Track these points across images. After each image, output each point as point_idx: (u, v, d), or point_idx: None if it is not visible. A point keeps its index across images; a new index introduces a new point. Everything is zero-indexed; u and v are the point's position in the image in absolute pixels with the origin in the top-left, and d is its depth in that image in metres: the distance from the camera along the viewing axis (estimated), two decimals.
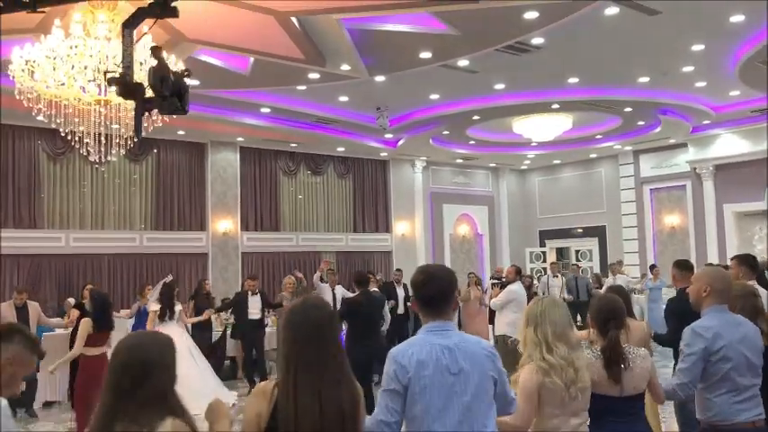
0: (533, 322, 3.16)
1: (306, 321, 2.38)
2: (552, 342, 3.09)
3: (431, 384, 2.57)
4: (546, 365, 3.04)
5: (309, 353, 2.32)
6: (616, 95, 12.61)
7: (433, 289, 2.74)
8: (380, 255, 17.76)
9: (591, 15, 8.56)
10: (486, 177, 20.49)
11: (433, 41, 9.38)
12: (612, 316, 3.34)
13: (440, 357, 2.60)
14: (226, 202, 15.25)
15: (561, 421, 3.05)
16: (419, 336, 2.73)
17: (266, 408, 2.29)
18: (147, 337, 2.37)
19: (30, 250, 12.76)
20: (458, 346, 2.64)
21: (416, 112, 13.73)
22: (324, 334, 2.38)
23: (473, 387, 2.61)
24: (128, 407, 2.10)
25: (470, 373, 2.62)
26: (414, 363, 2.58)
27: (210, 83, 10.85)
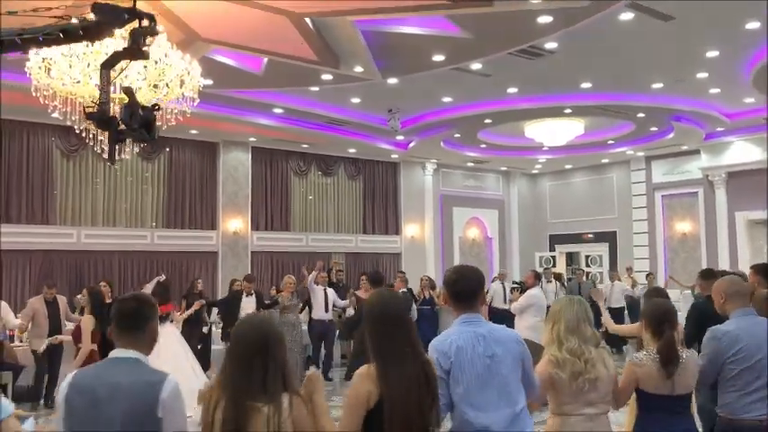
0: (551, 320, 3.47)
1: (386, 313, 2.73)
2: (564, 337, 3.38)
3: (470, 368, 2.89)
4: (554, 360, 3.34)
5: (393, 341, 2.66)
6: (629, 101, 12.56)
7: (464, 286, 3.10)
8: (390, 257, 17.77)
9: (605, 20, 8.54)
10: (497, 181, 20.45)
11: (446, 44, 9.38)
12: (667, 318, 3.55)
13: (475, 344, 2.93)
14: (237, 201, 15.31)
15: (572, 408, 3.34)
16: (455, 327, 3.04)
17: (375, 389, 2.58)
18: (264, 319, 2.68)
19: (42, 246, 12.85)
20: (490, 334, 2.99)
21: (428, 115, 13.73)
22: (402, 322, 2.74)
23: (505, 369, 2.94)
24: (253, 384, 2.36)
25: (502, 356, 2.95)
26: (454, 349, 2.91)
27: (224, 82, 10.90)
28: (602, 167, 19.14)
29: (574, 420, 3.32)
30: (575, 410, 3.33)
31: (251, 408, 2.34)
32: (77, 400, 2.41)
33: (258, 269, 15.50)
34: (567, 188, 20.25)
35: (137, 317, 2.58)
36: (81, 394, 2.41)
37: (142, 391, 2.40)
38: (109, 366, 2.51)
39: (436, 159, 18.12)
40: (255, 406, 2.34)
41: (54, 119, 10.39)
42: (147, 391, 2.39)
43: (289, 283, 10.67)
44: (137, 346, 2.54)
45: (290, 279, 10.87)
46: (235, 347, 2.47)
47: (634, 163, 18.28)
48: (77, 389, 2.44)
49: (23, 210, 12.81)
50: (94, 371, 2.53)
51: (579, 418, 3.32)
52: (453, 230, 19.21)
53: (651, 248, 17.94)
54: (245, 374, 2.39)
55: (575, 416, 3.32)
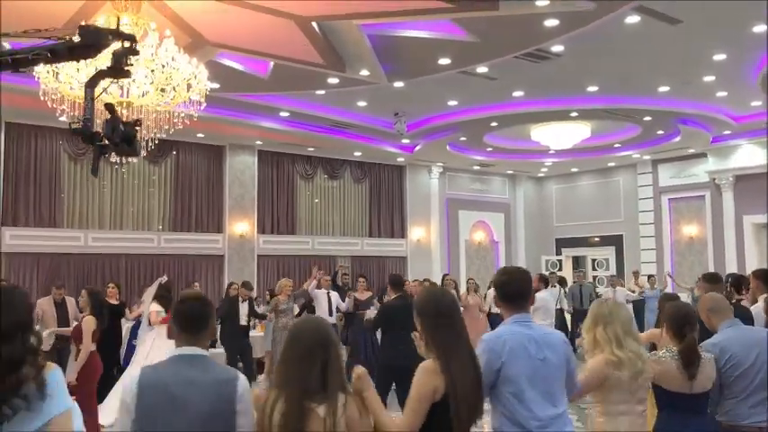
0: (602, 321, 3.44)
1: (441, 308, 2.86)
2: (623, 337, 3.38)
3: (521, 369, 2.92)
4: (616, 359, 3.32)
5: (451, 335, 2.79)
6: (636, 104, 12.54)
7: (515, 287, 3.16)
8: (396, 260, 17.76)
9: (612, 23, 8.54)
10: (503, 184, 20.44)
11: (452, 48, 9.39)
12: (688, 321, 3.64)
13: (527, 346, 2.97)
14: (243, 204, 15.35)
15: (629, 408, 3.36)
16: (508, 326, 3.08)
17: (441, 383, 2.68)
18: (322, 321, 2.74)
19: (49, 249, 12.91)
20: (541, 338, 3.04)
21: (434, 118, 13.74)
22: (456, 316, 2.87)
23: (553, 371, 3.00)
24: (312, 384, 2.43)
25: (551, 360, 3.00)
26: (506, 350, 2.94)
27: (230, 86, 10.95)
28: (609, 171, 19.10)
29: (630, 419, 3.36)
30: (631, 410, 3.37)
31: (309, 408, 2.41)
32: (152, 399, 2.42)
33: (264, 272, 15.53)
34: (574, 191, 20.21)
35: (203, 316, 2.64)
36: (156, 392, 2.43)
37: (221, 388, 2.46)
38: (180, 364, 2.52)
39: (442, 163, 18.12)
40: (312, 406, 2.42)
41: (62, 123, 10.43)
42: (225, 388, 2.47)
43: (286, 287, 10.54)
44: (200, 343, 2.59)
45: (287, 282, 10.78)
46: (295, 349, 2.53)
47: (641, 166, 18.24)
48: (151, 387, 2.44)
49: (31, 213, 12.88)
50: (166, 369, 2.53)
51: (633, 417, 3.37)
52: (459, 234, 19.19)
53: (658, 252, 17.89)
54: (306, 375, 2.45)
55: (631, 415, 3.36)
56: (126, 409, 2.45)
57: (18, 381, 2.14)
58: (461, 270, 18.71)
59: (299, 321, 2.72)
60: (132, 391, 2.45)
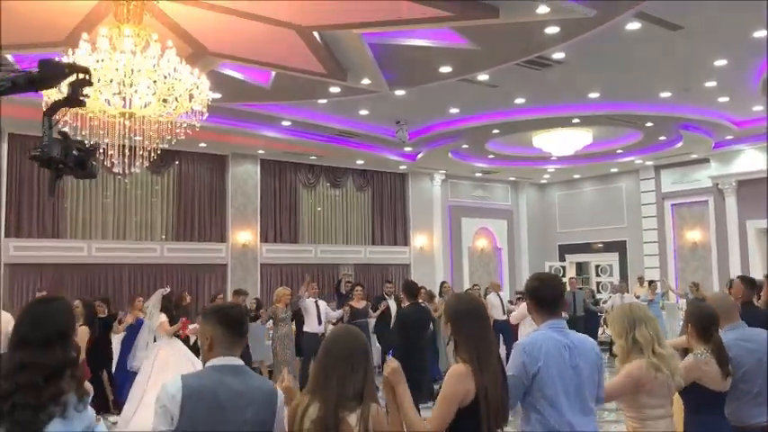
0: (642, 322, 3.39)
1: (470, 313, 2.89)
2: (660, 336, 3.40)
3: (556, 375, 2.93)
4: (657, 361, 3.29)
5: (484, 339, 2.82)
6: (637, 110, 12.54)
7: (547, 293, 3.17)
8: (399, 267, 17.75)
9: (613, 30, 8.54)
10: (506, 191, 20.43)
11: (453, 56, 9.41)
12: (713, 321, 3.69)
13: (562, 353, 2.98)
14: (246, 213, 15.36)
15: (666, 411, 3.37)
16: (543, 331, 3.08)
17: (473, 386, 2.70)
18: (357, 330, 2.77)
19: (52, 259, 12.94)
20: (576, 346, 3.04)
21: (436, 126, 13.75)
22: (485, 320, 2.91)
23: (585, 379, 3.00)
24: (347, 392, 2.48)
25: (584, 368, 3.00)
26: (542, 355, 2.95)
27: (232, 96, 10.97)
28: (611, 177, 19.09)
29: (666, 422, 3.35)
30: (667, 413, 3.36)
31: (342, 416, 2.46)
32: (198, 405, 2.42)
33: (267, 281, 15.52)
34: (576, 198, 20.20)
35: (242, 325, 2.68)
36: (202, 399, 2.43)
37: (265, 399, 2.53)
38: (222, 373, 2.53)
39: (444, 170, 18.13)
40: (345, 414, 2.46)
41: None
42: (268, 399, 2.54)
43: (284, 296, 10.46)
44: (236, 352, 2.62)
45: (284, 291, 10.73)
46: (331, 357, 2.57)
47: (643, 172, 18.22)
48: (196, 394, 2.44)
49: (34, 223, 12.91)
50: (210, 376, 2.53)
51: (669, 420, 3.36)
52: (462, 241, 19.18)
53: (661, 257, 17.85)
54: (345, 383, 2.50)
55: (667, 417, 3.35)
56: (164, 411, 2.43)
57: (58, 391, 2.24)
58: (464, 277, 18.70)
59: (337, 329, 2.79)
60: (173, 396, 2.43)
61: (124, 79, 7.09)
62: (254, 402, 2.48)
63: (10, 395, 2.23)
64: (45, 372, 2.26)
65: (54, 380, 2.26)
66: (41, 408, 2.22)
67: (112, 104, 7.30)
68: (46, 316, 2.40)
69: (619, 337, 3.45)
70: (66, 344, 2.38)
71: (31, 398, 2.22)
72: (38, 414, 2.22)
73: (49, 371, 2.27)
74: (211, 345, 2.57)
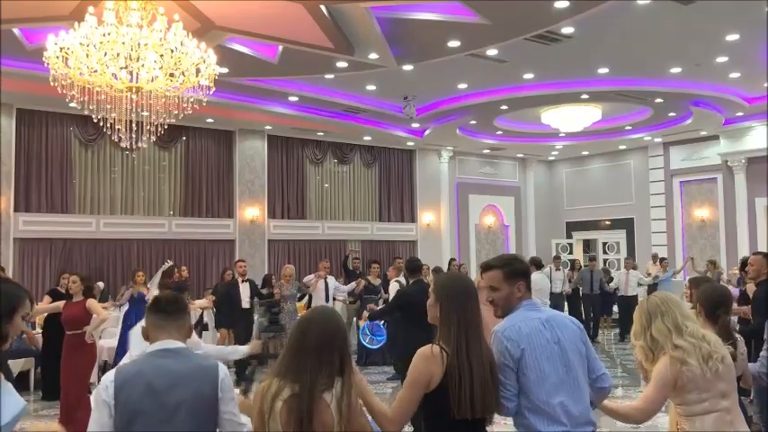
0: (657, 314, 3.18)
1: (464, 293, 2.81)
2: (682, 323, 3.12)
3: (541, 354, 2.79)
4: (678, 353, 3.05)
5: (469, 318, 2.74)
6: (647, 86, 12.43)
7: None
8: (405, 244, 17.79)
9: (623, 4, 8.45)
10: (514, 168, 20.37)
11: (461, 30, 9.32)
12: (722, 302, 3.58)
13: (541, 330, 2.85)
14: (253, 189, 15.38)
15: (711, 405, 3.06)
16: (519, 312, 2.93)
17: (440, 369, 2.61)
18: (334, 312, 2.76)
19: (61, 234, 13.02)
20: (552, 319, 2.92)
21: (444, 102, 13.68)
22: (474, 301, 2.81)
23: (571, 354, 2.85)
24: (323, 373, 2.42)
25: (567, 341, 2.86)
26: (524, 336, 2.81)
27: (239, 71, 10.93)
28: (620, 154, 18.99)
29: (715, 417, 3.05)
30: (714, 406, 3.06)
31: (320, 397, 2.40)
32: (132, 391, 2.46)
33: (275, 257, 15.59)
34: (584, 175, 20.12)
35: (168, 308, 2.70)
36: (135, 385, 2.47)
37: (204, 375, 2.54)
38: (158, 356, 2.57)
39: (452, 147, 18.07)
40: (323, 395, 2.41)
41: (72, 108, 10.54)
42: (208, 375, 2.54)
43: (287, 274, 10.47)
44: (174, 335, 2.64)
45: (289, 269, 10.73)
46: (306, 339, 2.49)
47: (652, 149, 18.11)
48: (130, 380, 2.49)
49: (43, 199, 12.97)
50: (145, 361, 2.58)
51: (719, 414, 3.05)
52: (469, 218, 19.17)
53: (669, 235, 17.80)
54: (317, 365, 2.43)
55: (715, 412, 3.05)
56: (102, 407, 2.45)
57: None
58: (471, 254, 18.73)
59: (308, 312, 2.71)
60: (108, 390, 2.45)
61: (131, 53, 7.08)
62: (191, 379, 2.49)
63: None
64: None
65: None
66: None
67: (119, 78, 7.29)
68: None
69: (638, 340, 3.24)
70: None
71: None
72: None
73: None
74: (148, 334, 2.61)
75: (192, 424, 2.46)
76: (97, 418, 2.43)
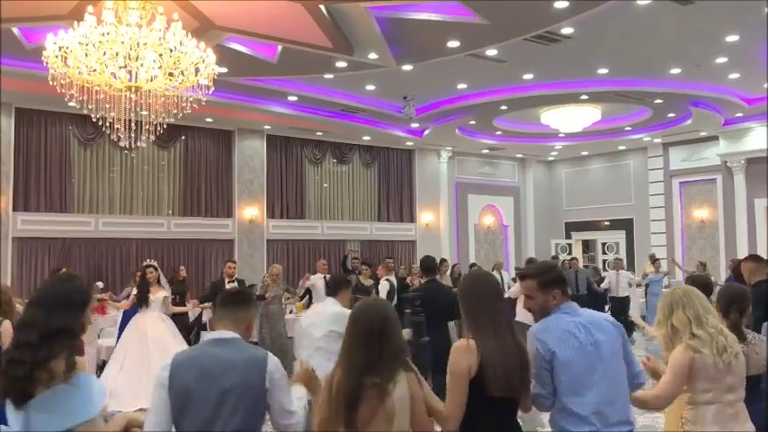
0: (679, 305, 3.29)
1: (487, 289, 2.99)
2: (702, 315, 3.24)
3: (572, 356, 2.90)
4: (694, 342, 3.17)
5: (482, 314, 2.89)
6: (647, 87, 12.42)
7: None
8: (405, 244, 17.79)
9: (623, 5, 8.44)
10: (513, 168, 20.37)
11: (461, 30, 9.31)
12: (735, 300, 3.67)
13: (575, 332, 2.94)
14: (252, 189, 15.37)
15: (715, 396, 3.18)
16: (554, 315, 3.04)
17: (476, 360, 2.78)
18: (383, 303, 2.92)
19: (60, 234, 13.01)
20: (589, 322, 3.00)
21: (443, 102, 13.67)
22: (490, 297, 2.96)
23: (608, 355, 2.94)
24: (371, 361, 2.61)
25: (604, 342, 2.95)
26: (554, 338, 2.93)
27: (238, 70, 10.92)
28: (619, 154, 18.99)
29: (717, 409, 3.17)
30: (718, 398, 3.17)
31: (368, 383, 2.57)
32: (186, 374, 2.62)
33: (274, 257, 15.56)
34: (584, 175, 20.12)
35: (228, 300, 2.88)
36: (189, 368, 2.64)
37: (253, 363, 2.68)
38: (211, 345, 2.74)
39: (451, 147, 18.06)
40: (373, 381, 2.57)
41: (71, 108, 10.53)
42: (257, 363, 2.69)
43: (274, 273, 10.22)
44: (230, 327, 2.79)
45: (276, 268, 10.55)
46: (355, 328, 2.71)
47: (651, 149, 18.11)
48: (184, 364, 2.67)
49: (42, 198, 12.95)
50: (199, 349, 2.78)
51: (722, 406, 3.17)
52: (468, 218, 19.17)
53: (668, 236, 17.80)
54: (364, 353, 2.63)
55: (718, 404, 3.17)
56: (160, 388, 2.62)
57: (49, 353, 2.34)
58: (470, 254, 18.72)
59: (360, 304, 2.86)
60: (164, 373, 2.63)
61: (130, 52, 7.07)
62: (240, 367, 2.63)
63: (10, 352, 2.39)
64: (41, 331, 2.37)
65: (47, 341, 2.36)
66: (34, 366, 2.31)
67: (118, 78, 7.28)
68: (57, 284, 2.59)
69: (659, 327, 3.37)
70: (70, 314, 2.47)
71: (26, 355, 2.33)
72: (31, 373, 2.30)
73: (45, 331, 2.37)
74: (214, 323, 2.80)
75: (239, 409, 2.60)
76: (155, 399, 2.61)
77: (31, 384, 2.31)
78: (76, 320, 2.49)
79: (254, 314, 2.92)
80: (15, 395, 2.31)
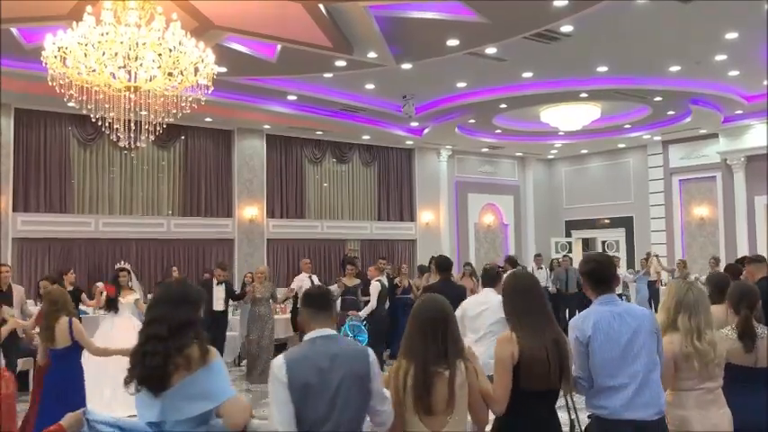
0: (687, 310, 3.55)
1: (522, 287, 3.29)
2: (704, 330, 3.52)
3: (607, 342, 3.20)
4: (691, 351, 3.47)
5: (533, 307, 3.19)
6: (646, 85, 12.41)
7: (603, 273, 3.44)
8: (405, 243, 17.78)
9: (622, 3, 8.43)
10: (513, 167, 20.36)
11: (460, 29, 9.31)
12: (744, 296, 3.90)
13: (612, 321, 3.25)
14: (252, 189, 15.36)
15: (695, 383, 3.53)
16: (593, 307, 3.37)
17: (517, 349, 3.07)
18: (442, 298, 3.14)
19: (60, 234, 13.01)
20: (626, 312, 3.31)
21: (443, 101, 13.66)
22: (540, 294, 3.30)
23: (642, 343, 3.23)
24: (437, 352, 2.91)
25: (639, 332, 3.24)
26: (591, 325, 3.24)
27: (238, 70, 10.91)
28: (619, 152, 18.97)
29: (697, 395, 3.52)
30: (696, 385, 3.53)
31: (435, 372, 2.88)
32: (301, 372, 2.79)
33: (274, 256, 15.58)
34: (583, 173, 20.11)
35: (319, 300, 3.07)
36: (303, 367, 2.81)
37: (358, 356, 2.90)
38: (316, 342, 2.90)
39: (451, 145, 18.05)
40: (438, 371, 2.89)
41: (70, 108, 10.51)
42: (361, 356, 2.91)
43: (261, 273, 10.19)
44: (326, 324, 2.98)
45: (262, 268, 10.44)
46: (421, 321, 3.00)
47: (651, 147, 18.10)
48: (298, 363, 2.83)
49: (42, 198, 12.95)
50: (307, 347, 2.92)
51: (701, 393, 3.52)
52: (468, 217, 19.16)
53: (668, 233, 17.79)
54: (431, 344, 2.92)
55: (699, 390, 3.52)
56: (280, 388, 2.78)
57: (181, 344, 2.67)
58: (471, 253, 18.71)
59: (422, 298, 3.17)
60: (281, 372, 2.78)
61: (129, 52, 7.06)
62: (348, 359, 2.85)
63: (140, 345, 2.72)
64: (170, 325, 2.69)
65: (177, 334, 2.68)
66: (168, 356, 2.63)
67: (118, 78, 7.27)
68: (176, 285, 2.98)
69: (664, 311, 3.64)
70: (192, 308, 2.82)
71: (159, 346, 2.65)
72: (166, 361, 2.63)
73: (174, 324, 2.70)
74: (307, 322, 2.97)
75: (352, 398, 2.83)
76: (278, 395, 2.78)
77: (168, 372, 2.62)
78: (197, 315, 2.84)
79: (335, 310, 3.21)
80: (154, 383, 2.63)
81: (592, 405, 3.28)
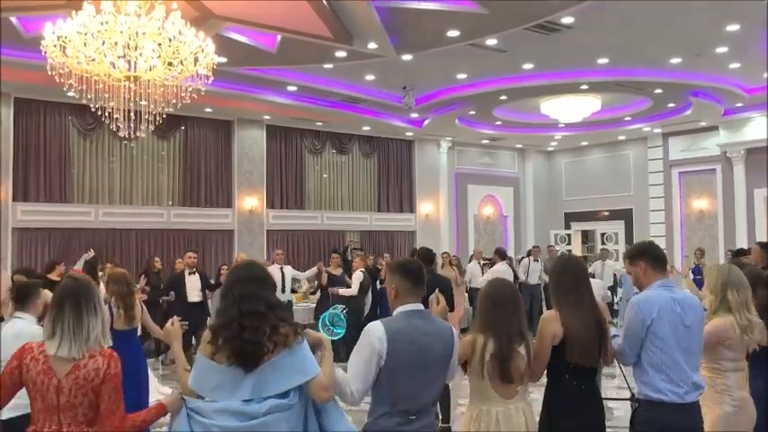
0: (734, 286, 3.75)
1: (569, 270, 3.52)
2: (750, 302, 3.76)
3: (668, 323, 3.36)
4: (747, 323, 3.67)
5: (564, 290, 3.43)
6: (647, 77, 12.40)
7: (660, 253, 3.62)
8: (404, 234, 17.80)
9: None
10: (513, 158, 20.35)
11: (461, 20, 9.29)
12: (759, 279, 4.13)
13: (674, 308, 3.40)
14: (252, 179, 15.36)
15: (739, 365, 3.74)
16: (654, 290, 3.49)
17: (560, 328, 3.33)
18: (507, 282, 3.51)
19: (60, 224, 13.02)
20: (685, 301, 3.46)
21: (443, 92, 13.65)
22: (585, 277, 3.52)
23: (694, 329, 3.42)
24: (514, 328, 3.23)
25: (693, 320, 3.42)
26: (655, 307, 3.39)
27: (238, 60, 10.90)
28: (619, 144, 18.96)
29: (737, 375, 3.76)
30: (740, 367, 3.77)
31: (513, 348, 3.19)
32: (399, 345, 2.86)
33: (274, 247, 15.56)
34: (583, 165, 20.10)
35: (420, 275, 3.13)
36: (401, 340, 2.87)
37: (446, 335, 3.02)
38: (411, 317, 2.98)
39: (451, 137, 18.04)
40: (515, 346, 3.20)
41: (70, 97, 10.51)
42: (449, 336, 3.03)
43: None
44: (418, 299, 3.04)
45: (240, 257, 10.45)
46: (496, 302, 3.27)
47: (651, 139, 18.09)
48: (397, 335, 2.88)
49: (42, 188, 12.95)
50: (403, 320, 2.98)
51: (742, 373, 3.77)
52: (468, 208, 19.17)
53: (668, 226, 17.81)
54: (511, 321, 3.23)
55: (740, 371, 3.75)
56: (373, 353, 2.83)
57: (275, 322, 2.67)
58: (470, 244, 18.72)
59: (494, 281, 3.47)
60: (383, 341, 2.82)
61: (129, 42, 7.05)
62: (439, 339, 2.97)
63: (234, 320, 2.64)
64: (267, 302, 2.71)
65: (272, 311, 2.70)
66: (265, 333, 2.62)
67: (117, 67, 7.26)
68: (255, 266, 2.91)
69: (711, 292, 3.81)
70: (272, 290, 2.83)
71: (256, 321, 2.63)
72: (269, 336, 2.63)
73: (269, 302, 2.73)
74: (397, 293, 3.01)
75: (439, 373, 2.99)
76: (369, 365, 2.82)
77: (266, 348, 2.61)
78: (276, 297, 2.85)
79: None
80: (251, 358, 2.60)
81: (653, 389, 3.36)
